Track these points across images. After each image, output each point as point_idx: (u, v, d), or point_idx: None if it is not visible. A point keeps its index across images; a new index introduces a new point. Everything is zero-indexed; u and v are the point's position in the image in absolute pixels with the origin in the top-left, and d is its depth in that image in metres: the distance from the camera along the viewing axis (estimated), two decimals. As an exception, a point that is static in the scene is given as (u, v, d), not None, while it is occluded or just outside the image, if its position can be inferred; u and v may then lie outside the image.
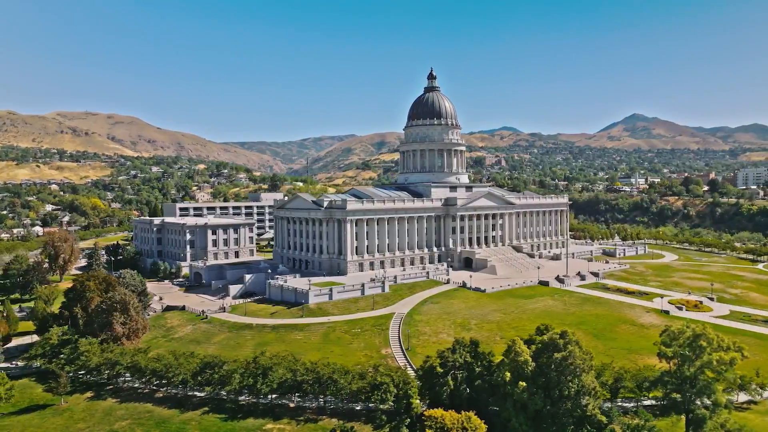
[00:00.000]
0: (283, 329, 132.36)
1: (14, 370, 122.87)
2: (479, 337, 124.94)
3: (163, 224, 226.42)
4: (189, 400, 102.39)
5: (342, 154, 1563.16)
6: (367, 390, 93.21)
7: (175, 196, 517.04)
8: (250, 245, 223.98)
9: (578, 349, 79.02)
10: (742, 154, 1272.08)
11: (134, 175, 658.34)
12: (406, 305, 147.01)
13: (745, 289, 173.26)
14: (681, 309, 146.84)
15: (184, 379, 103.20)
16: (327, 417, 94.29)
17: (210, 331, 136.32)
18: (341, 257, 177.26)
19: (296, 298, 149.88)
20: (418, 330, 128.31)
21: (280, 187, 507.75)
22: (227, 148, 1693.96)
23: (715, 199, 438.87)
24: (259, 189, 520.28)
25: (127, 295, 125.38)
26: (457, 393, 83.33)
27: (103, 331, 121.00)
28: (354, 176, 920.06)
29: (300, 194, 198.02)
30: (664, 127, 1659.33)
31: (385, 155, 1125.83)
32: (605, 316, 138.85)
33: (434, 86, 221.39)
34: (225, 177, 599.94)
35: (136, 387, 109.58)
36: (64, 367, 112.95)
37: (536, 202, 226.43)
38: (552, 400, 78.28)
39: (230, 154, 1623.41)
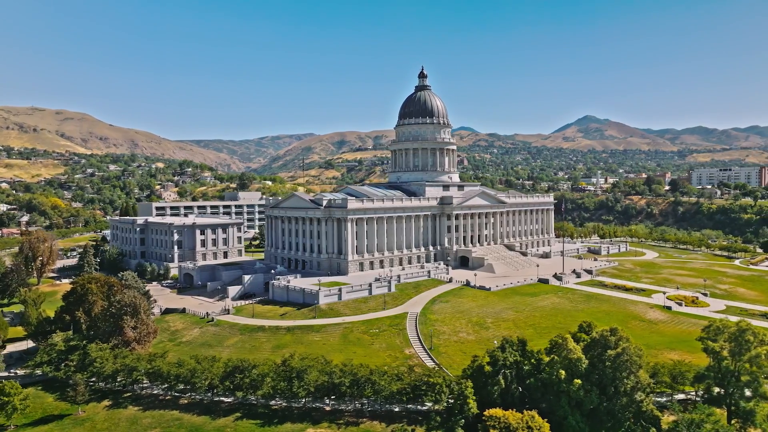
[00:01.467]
0: (298, 331, 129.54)
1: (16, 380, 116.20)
2: (498, 335, 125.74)
3: (146, 224, 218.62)
4: (217, 406, 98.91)
5: (302, 152, 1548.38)
6: (407, 391, 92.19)
7: (139, 195, 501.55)
8: (238, 245, 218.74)
9: (631, 345, 79.92)
10: (689, 155, 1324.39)
11: (91, 174, 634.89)
12: (416, 305, 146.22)
13: (731, 284, 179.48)
14: (680, 305, 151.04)
15: (211, 384, 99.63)
16: (367, 419, 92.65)
17: (220, 334, 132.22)
18: (341, 257, 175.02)
19: (304, 298, 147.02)
20: (437, 329, 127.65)
21: (249, 186, 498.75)
22: (183, 146, 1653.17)
23: (676, 198, 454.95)
24: (227, 188, 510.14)
25: (137, 298, 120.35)
26: (509, 392, 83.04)
27: (113, 336, 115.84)
28: (317, 175, 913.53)
29: (297, 193, 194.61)
30: (616, 128, 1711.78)
31: (347, 154, 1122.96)
32: (613, 313, 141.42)
33: (425, 85, 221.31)
34: (189, 176, 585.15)
35: (156, 394, 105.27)
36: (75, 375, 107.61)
37: (525, 201, 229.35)
38: (607, 396, 78.93)
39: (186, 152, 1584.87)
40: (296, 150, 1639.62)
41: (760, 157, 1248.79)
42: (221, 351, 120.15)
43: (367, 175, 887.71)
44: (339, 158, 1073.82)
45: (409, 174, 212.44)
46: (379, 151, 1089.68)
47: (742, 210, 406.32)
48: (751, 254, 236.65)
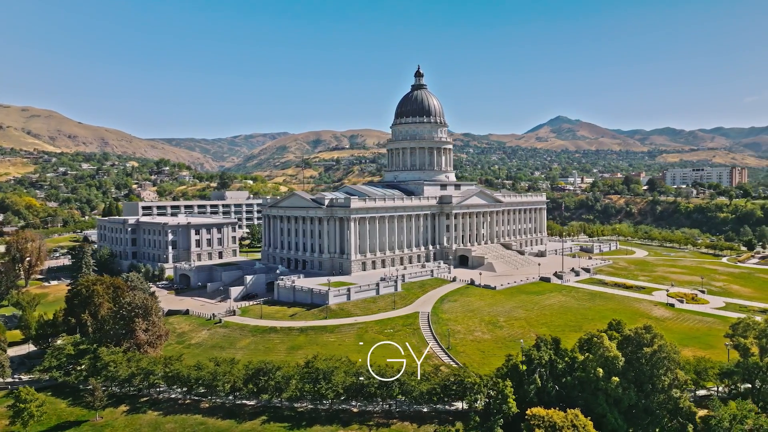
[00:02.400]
0: (312, 331, 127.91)
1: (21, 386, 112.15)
2: (513, 333, 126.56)
3: (138, 224, 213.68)
4: (240, 410, 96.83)
5: (277, 152, 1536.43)
6: (437, 391, 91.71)
7: (117, 195, 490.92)
8: (232, 245, 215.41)
9: (666, 342, 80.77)
10: (659, 156, 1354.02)
11: (64, 173, 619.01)
12: (425, 304, 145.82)
13: (725, 282, 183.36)
14: (682, 302, 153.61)
15: (233, 386, 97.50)
16: (397, 420, 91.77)
17: (230, 335, 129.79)
18: (344, 256, 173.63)
19: (312, 299, 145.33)
20: (451, 329, 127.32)
21: (230, 185, 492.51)
22: (155, 145, 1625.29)
23: (654, 197, 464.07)
24: (207, 187, 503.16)
25: (148, 300, 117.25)
26: (545, 390, 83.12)
27: (125, 339, 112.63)
28: (294, 174, 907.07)
29: (297, 193, 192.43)
30: (588, 129, 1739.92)
31: (324, 153, 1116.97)
32: (621, 311, 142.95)
33: (422, 84, 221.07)
34: (167, 174, 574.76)
35: (174, 398, 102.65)
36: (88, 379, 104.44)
37: (519, 200, 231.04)
38: (645, 393, 79.60)
39: (158, 150, 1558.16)
40: (271, 149, 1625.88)
41: (726, 158, 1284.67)
42: (234, 353, 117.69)
43: (345, 174, 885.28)
44: (316, 157, 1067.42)
45: (406, 173, 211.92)
46: (356, 151, 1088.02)
47: (718, 209, 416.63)
48: (737, 252, 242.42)
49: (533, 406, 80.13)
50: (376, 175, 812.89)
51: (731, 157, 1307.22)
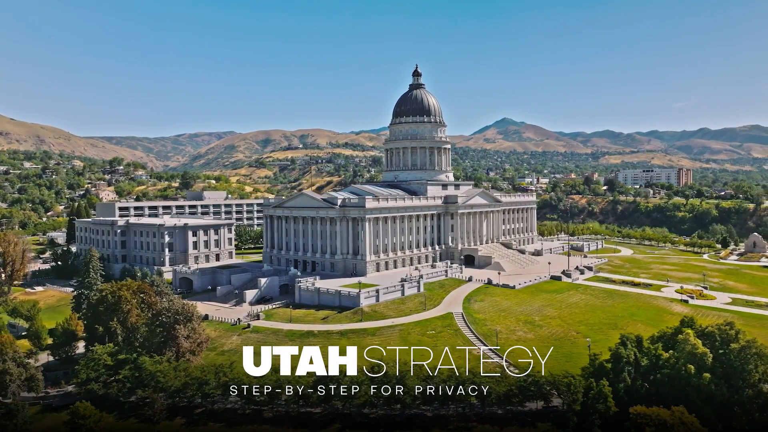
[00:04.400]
0: (352, 335, 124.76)
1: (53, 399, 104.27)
2: (554, 332, 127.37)
3: (128, 225, 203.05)
4: (308, 418, 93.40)
5: (225, 151, 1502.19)
6: (514, 392, 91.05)
7: (71, 195, 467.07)
8: (228, 247, 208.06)
9: (754, 339, 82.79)
10: (602, 157, 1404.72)
11: (6, 171, 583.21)
12: (452, 304, 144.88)
13: (719, 278, 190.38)
14: (692, 298, 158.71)
15: (301, 393, 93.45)
16: (476, 423, 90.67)
17: (265, 341, 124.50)
18: (358, 257, 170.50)
19: (341, 301, 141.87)
20: (491, 329, 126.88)
21: (192, 185, 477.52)
22: (94, 143, 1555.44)
23: (614, 197, 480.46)
24: (168, 187, 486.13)
25: (187, 305, 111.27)
26: (634, 388, 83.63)
27: (166, 347, 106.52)
28: (249, 174, 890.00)
29: (306, 192, 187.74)
30: (533, 131, 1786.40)
31: (277, 153, 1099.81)
32: (644, 308, 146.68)
33: (420, 83, 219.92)
34: (122, 174, 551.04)
35: (231, 408, 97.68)
36: (134, 391, 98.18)
37: (515, 200, 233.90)
38: (735, 388, 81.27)
39: (98, 149, 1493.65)
40: (218, 148, 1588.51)
41: (663, 159, 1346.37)
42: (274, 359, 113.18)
43: (301, 174, 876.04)
44: (269, 157, 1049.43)
45: (407, 173, 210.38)
46: (309, 150, 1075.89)
47: (675, 208, 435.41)
48: (715, 249, 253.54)
49: (623, 404, 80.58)
50: (335, 175, 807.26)
51: (668, 159, 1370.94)
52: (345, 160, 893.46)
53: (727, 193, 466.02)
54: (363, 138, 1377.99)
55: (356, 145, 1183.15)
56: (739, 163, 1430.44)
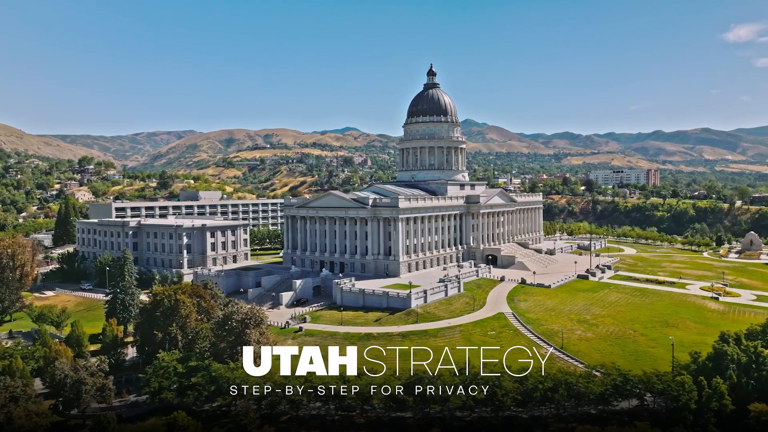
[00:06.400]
0: (414, 336, 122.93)
1: (120, 410, 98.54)
2: (612, 331, 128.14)
3: (140, 226, 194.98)
4: (402, 423, 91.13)
5: (187, 150, 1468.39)
6: (610, 392, 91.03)
7: (43, 195, 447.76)
8: (244, 248, 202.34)
9: None
10: (564, 158, 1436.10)
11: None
12: (497, 304, 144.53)
13: (732, 275, 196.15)
14: (720, 295, 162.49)
15: (394, 397, 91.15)
16: (576, 424, 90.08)
17: (324, 344, 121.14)
18: (390, 258, 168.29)
19: (389, 302, 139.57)
20: (549, 329, 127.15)
21: (171, 185, 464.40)
22: (48, 142, 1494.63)
23: (593, 197, 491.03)
24: (146, 187, 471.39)
25: (255, 308, 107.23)
26: (739, 386, 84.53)
27: (236, 352, 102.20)
28: (217, 174, 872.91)
29: (334, 192, 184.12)
30: (496, 132, 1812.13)
31: (245, 153, 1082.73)
32: (682, 305, 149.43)
33: (435, 83, 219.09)
34: (93, 173, 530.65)
35: (317, 414, 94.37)
36: (214, 399, 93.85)
37: (526, 200, 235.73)
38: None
39: (53, 148, 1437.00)
40: (180, 147, 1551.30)
41: (622, 160, 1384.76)
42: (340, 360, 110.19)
43: (272, 174, 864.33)
44: (237, 156, 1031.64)
45: (425, 173, 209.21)
46: (278, 150, 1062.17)
47: (654, 208, 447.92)
48: (712, 248, 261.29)
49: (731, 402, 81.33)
50: (308, 175, 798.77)
51: (627, 159, 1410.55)
52: (316, 160, 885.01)
53: (701, 193, 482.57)
54: (329, 138, 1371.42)
55: (324, 145, 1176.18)
56: (692, 164, 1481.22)
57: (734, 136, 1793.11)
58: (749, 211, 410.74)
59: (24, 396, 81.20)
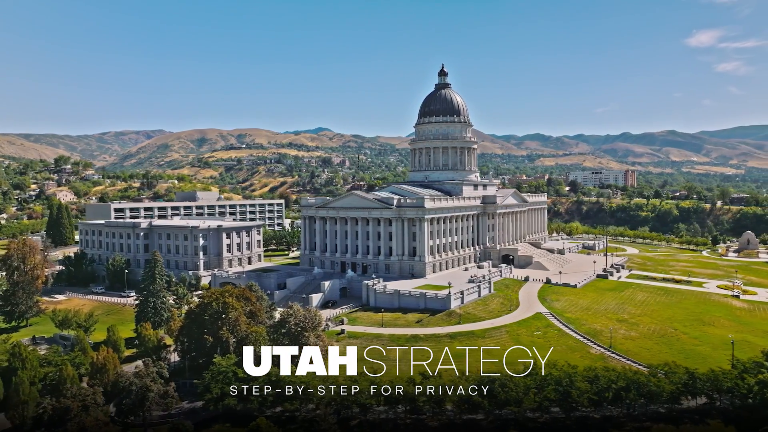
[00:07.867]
0: (462, 338, 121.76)
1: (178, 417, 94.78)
2: (654, 329, 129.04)
3: (152, 228, 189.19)
4: (475, 425, 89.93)
5: (158, 150, 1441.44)
6: (681, 390, 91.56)
7: (21, 195, 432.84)
8: (258, 249, 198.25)
9: None
10: (537, 159, 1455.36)
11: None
12: (531, 304, 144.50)
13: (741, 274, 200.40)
14: (740, 294, 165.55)
15: (466, 400, 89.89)
16: (650, 423, 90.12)
17: (370, 346, 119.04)
18: (416, 258, 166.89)
19: (426, 303, 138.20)
20: (592, 328, 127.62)
21: (156, 185, 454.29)
22: (12, 141, 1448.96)
23: (578, 197, 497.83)
24: (129, 187, 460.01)
25: (310, 310, 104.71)
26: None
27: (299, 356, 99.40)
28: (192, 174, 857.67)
29: (356, 192, 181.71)
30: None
31: (221, 153, 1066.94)
32: (708, 303, 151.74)
33: (446, 83, 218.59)
34: (70, 173, 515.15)
35: (386, 418, 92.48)
36: (281, 404, 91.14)
37: (535, 200, 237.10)
38: None
39: (17, 147, 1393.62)
40: (151, 147, 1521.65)
41: (593, 162, 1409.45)
42: (390, 364, 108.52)
43: (250, 174, 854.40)
44: (212, 156, 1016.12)
45: (438, 173, 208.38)
46: (254, 150, 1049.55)
47: (638, 208, 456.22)
48: (711, 247, 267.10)
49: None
50: (288, 175, 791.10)
51: (598, 161, 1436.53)
52: (294, 160, 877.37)
53: (681, 194, 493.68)
54: (304, 138, 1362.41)
55: (300, 146, 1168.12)
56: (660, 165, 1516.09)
57: (698, 138, 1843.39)
58: (730, 211, 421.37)
59: (94, 405, 77.17)
